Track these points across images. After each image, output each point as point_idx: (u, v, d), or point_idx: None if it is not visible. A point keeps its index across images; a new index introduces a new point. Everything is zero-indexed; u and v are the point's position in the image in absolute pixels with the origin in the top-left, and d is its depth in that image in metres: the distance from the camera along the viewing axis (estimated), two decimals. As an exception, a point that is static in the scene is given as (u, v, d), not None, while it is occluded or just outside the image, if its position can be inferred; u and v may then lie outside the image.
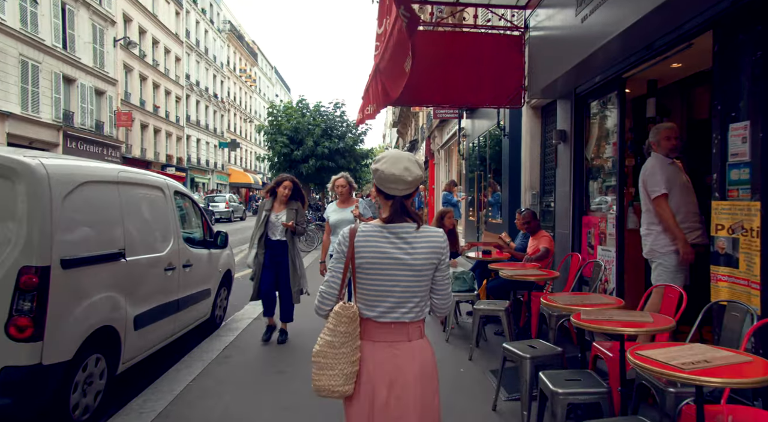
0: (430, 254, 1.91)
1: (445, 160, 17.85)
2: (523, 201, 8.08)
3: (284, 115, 20.02)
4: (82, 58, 24.12)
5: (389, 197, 1.96)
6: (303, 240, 15.28)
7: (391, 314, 1.90)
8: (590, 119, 5.62)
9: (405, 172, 1.89)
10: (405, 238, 1.90)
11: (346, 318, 1.89)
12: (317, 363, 1.91)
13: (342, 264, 1.94)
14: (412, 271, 1.89)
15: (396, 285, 1.88)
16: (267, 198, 5.48)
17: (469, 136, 12.04)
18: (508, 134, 8.27)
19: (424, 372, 1.92)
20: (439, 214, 6.20)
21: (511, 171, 8.30)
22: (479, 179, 10.76)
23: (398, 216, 1.93)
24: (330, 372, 1.88)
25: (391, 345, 1.91)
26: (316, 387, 1.93)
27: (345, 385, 1.89)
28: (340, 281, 1.95)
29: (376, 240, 1.90)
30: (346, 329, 1.89)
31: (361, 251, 1.89)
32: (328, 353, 1.89)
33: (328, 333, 1.90)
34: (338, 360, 1.88)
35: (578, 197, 5.70)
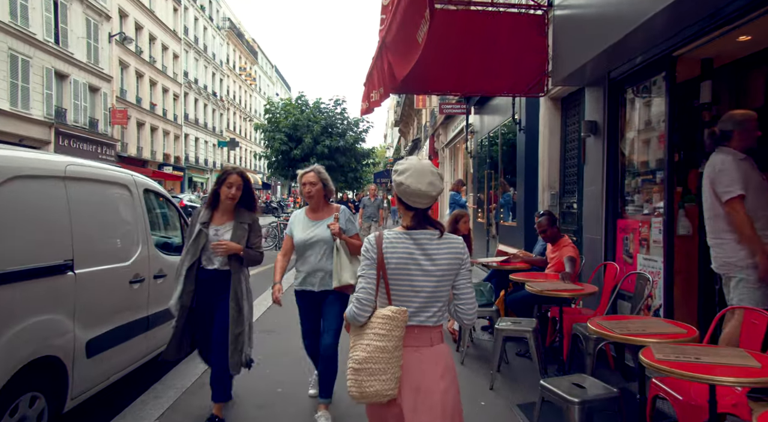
0: (452, 260, 1.97)
1: (450, 159, 17.11)
2: (541, 202, 7.35)
3: (282, 112, 19.28)
4: (75, 54, 23.42)
5: (411, 208, 1.99)
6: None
7: (416, 318, 1.95)
8: (627, 107, 4.88)
9: (430, 187, 1.93)
10: (428, 244, 1.96)
11: (402, 322, 1.90)
12: (367, 370, 1.89)
13: (374, 271, 1.96)
14: (435, 277, 1.94)
15: (421, 290, 1.94)
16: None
17: (478, 132, 11.31)
18: (524, 129, 7.54)
19: (447, 376, 1.96)
20: (453, 217, 5.48)
21: (527, 169, 7.57)
22: (489, 178, 10.03)
23: (420, 224, 1.99)
24: (383, 377, 1.88)
25: (416, 349, 1.95)
26: (365, 394, 1.91)
27: (395, 388, 1.90)
28: (375, 286, 1.96)
29: (403, 246, 1.95)
30: (401, 333, 1.90)
31: (390, 257, 1.94)
32: (380, 358, 1.89)
33: (379, 338, 1.90)
34: (391, 364, 1.89)
35: (612, 198, 4.97)
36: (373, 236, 2.00)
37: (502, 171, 9.14)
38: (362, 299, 1.97)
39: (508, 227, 8.59)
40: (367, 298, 1.96)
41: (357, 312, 1.97)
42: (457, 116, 14.58)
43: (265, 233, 15.24)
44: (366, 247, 2.00)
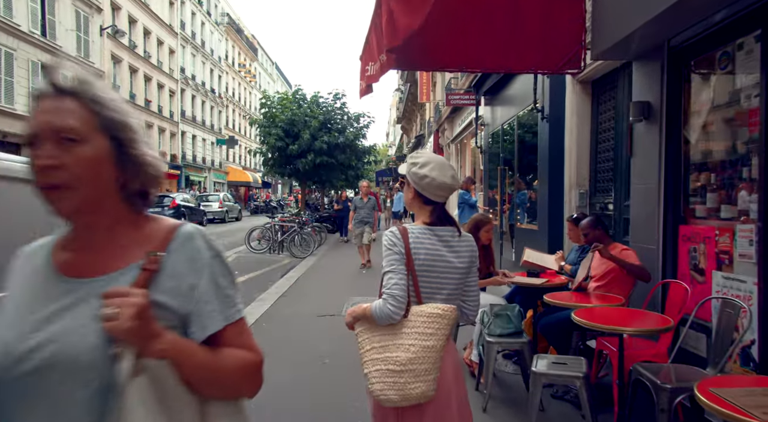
0: (471, 257, 1.98)
1: (456, 155, 16.08)
2: (567, 202, 6.33)
3: (279, 106, 18.25)
4: (64, 47, 22.43)
5: (430, 203, 1.96)
6: (297, 245, 13.60)
7: None
8: (693, 82, 3.86)
9: (453, 180, 1.94)
10: (450, 241, 1.95)
11: (453, 320, 1.86)
12: (412, 371, 1.80)
13: (404, 266, 1.89)
14: (459, 273, 1.95)
15: (444, 287, 1.92)
16: None
17: (488, 125, 10.30)
18: (547, 118, 6.52)
19: (457, 371, 1.94)
20: (473, 223, 4.46)
21: (551, 164, 6.54)
22: (502, 175, 9.00)
23: (440, 221, 1.97)
24: (429, 377, 1.81)
25: None
26: (409, 397, 1.79)
27: (435, 388, 1.84)
28: (406, 283, 1.88)
29: (430, 241, 1.92)
30: (449, 331, 1.85)
31: (417, 252, 1.90)
32: (427, 358, 1.81)
33: (426, 337, 1.82)
34: (437, 364, 1.83)
35: (672, 198, 3.95)
36: (396, 229, 1.95)
37: (517, 167, 8.10)
38: (399, 296, 1.86)
39: (526, 230, 7.56)
40: (402, 295, 1.87)
41: (394, 310, 1.85)
42: (465, 109, 13.55)
43: (259, 234, 14.26)
44: (392, 241, 1.92)
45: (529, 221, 7.76)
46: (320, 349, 5.16)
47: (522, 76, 7.97)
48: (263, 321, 6.41)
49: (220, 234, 19.31)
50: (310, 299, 7.66)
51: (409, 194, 1.99)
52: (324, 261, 11.96)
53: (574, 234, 4.62)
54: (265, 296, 7.90)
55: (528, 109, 7.65)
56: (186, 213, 21.70)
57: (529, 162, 7.94)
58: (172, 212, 20.79)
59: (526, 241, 7.39)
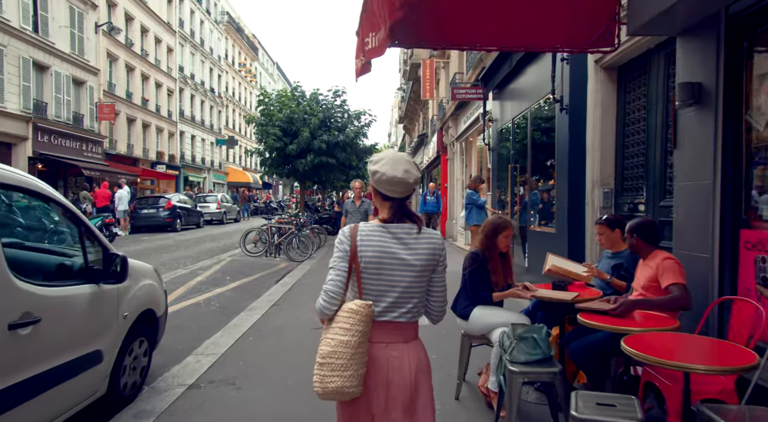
0: (431, 256, 1.92)
1: (461, 153, 15.42)
2: (590, 202, 5.68)
3: (277, 104, 17.61)
4: (57, 44, 21.85)
5: (388, 199, 1.94)
6: (295, 248, 12.96)
7: (390, 313, 1.89)
8: (758, 58, 3.20)
9: (406, 174, 1.88)
10: (406, 239, 1.90)
11: (366, 316, 1.83)
12: (330, 365, 1.82)
13: (346, 263, 1.89)
14: (414, 272, 1.89)
15: (396, 285, 1.88)
16: None
17: (497, 121, 9.65)
18: (567, 108, 5.86)
19: (420, 373, 1.92)
20: (491, 227, 3.81)
21: (571, 160, 5.89)
22: (513, 174, 8.34)
23: (399, 217, 1.92)
24: (345, 373, 1.80)
25: (387, 345, 1.89)
26: (327, 390, 1.84)
27: (359, 386, 1.83)
28: (346, 280, 1.89)
29: (379, 239, 1.89)
30: (365, 328, 1.82)
31: (364, 250, 1.87)
32: (343, 353, 1.80)
33: (343, 332, 1.81)
34: (354, 360, 1.81)
35: (731, 197, 3.29)
36: (348, 228, 1.93)
37: (530, 165, 7.45)
38: (330, 291, 1.89)
39: (542, 234, 6.90)
40: (335, 290, 1.89)
41: (324, 305, 1.90)
42: (471, 105, 12.91)
43: (255, 237, 13.63)
44: (339, 239, 1.93)
45: (543, 223, 7.10)
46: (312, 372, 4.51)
47: (535, 66, 7.33)
48: (251, 334, 5.77)
49: (216, 236, 18.68)
50: (304, 308, 7.02)
51: (372, 191, 2.00)
52: (322, 265, 11.32)
53: (607, 239, 3.97)
54: (257, 305, 7.26)
55: (542, 101, 7.00)
56: (182, 215, 21.08)
57: (542, 159, 7.29)
58: (168, 214, 20.19)
59: (541, 245, 6.73)
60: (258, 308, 7.04)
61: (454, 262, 9.73)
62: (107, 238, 15.86)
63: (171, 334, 5.61)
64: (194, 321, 6.61)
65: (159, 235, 18.82)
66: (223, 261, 12.16)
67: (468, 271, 3.80)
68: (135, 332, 3.97)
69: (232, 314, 6.91)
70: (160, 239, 17.08)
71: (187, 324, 6.40)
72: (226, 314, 6.94)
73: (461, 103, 13.95)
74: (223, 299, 7.98)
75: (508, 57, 8.13)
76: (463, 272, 3.91)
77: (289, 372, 4.52)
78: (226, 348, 5.19)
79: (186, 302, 7.62)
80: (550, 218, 6.87)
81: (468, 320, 3.74)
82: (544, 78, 6.67)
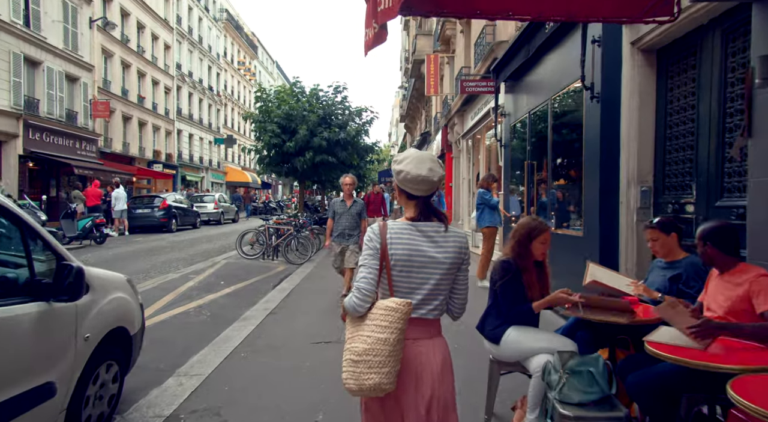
0: (458, 253, 1.93)
1: (467, 152, 14.78)
2: (625, 202, 5.04)
3: (276, 100, 16.96)
4: (50, 39, 21.20)
5: (413, 198, 1.95)
6: (294, 250, 12.33)
7: (419, 310, 1.91)
8: None
9: (430, 172, 1.90)
10: (435, 237, 1.92)
11: (406, 314, 1.83)
12: (367, 362, 1.82)
13: (377, 261, 1.90)
14: (443, 269, 1.91)
15: (426, 282, 1.90)
16: None
17: (510, 115, 9.02)
18: (598, 97, 5.22)
19: (445, 369, 1.94)
20: (525, 231, 3.18)
21: (603, 155, 5.24)
22: (530, 171, 7.70)
23: (425, 216, 1.94)
24: (383, 370, 1.81)
25: (414, 341, 1.91)
26: (363, 387, 1.82)
27: (394, 382, 1.83)
28: (377, 277, 1.91)
29: (409, 237, 1.90)
30: (403, 325, 1.82)
31: (395, 247, 1.89)
32: (381, 350, 1.81)
33: (381, 330, 1.82)
34: (392, 357, 1.82)
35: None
36: (377, 225, 1.95)
37: (550, 161, 6.80)
38: (363, 289, 1.89)
39: (566, 237, 6.25)
40: (368, 288, 1.89)
41: (357, 302, 1.90)
42: (479, 100, 12.28)
43: (252, 238, 12.99)
44: (369, 236, 1.94)
45: (566, 225, 6.46)
46: (312, 397, 3.88)
47: (557, 53, 6.70)
48: (242, 350, 5.13)
49: (212, 237, 18.03)
50: (303, 318, 6.38)
51: (397, 190, 2.01)
52: (322, 268, 10.69)
53: (662, 245, 3.33)
54: (251, 314, 6.63)
55: (565, 92, 6.36)
56: (178, 215, 20.44)
57: (565, 155, 6.65)
58: (163, 214, 19.55)
59: (564, 251, 6.10)
60: (252, 318, 6.40)
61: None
62: (98, 239, 15.24)
63: (153, 350, 4.99)
64: (181, 333, 5.97)
65: (153, 236, 18.18)
66: (218, 264, 11.52)
67: (499, 284, 3.16)
68: (101, 355, 3.33)
69: (223, 324, 6.28)
70: (153, 240, 16.43)
71: (172, 337, 5.76)
72: (217, 324, 6.31)
73: (468, 99, 13.32)
74: (215, 306, 7.34)
75: (524, 45, 7.50)
76: (492, 285, 3.27)
77: (285, 398, 3.89)
78: (212, 369, 4.55)
79: (174, 311, 6.99)
80: (574, 220, 6.23)
81: (500, 343, 3.10)
82: (569, 66, 6.04)
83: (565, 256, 6.00)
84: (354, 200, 7.05)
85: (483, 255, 8.37)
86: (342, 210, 6.96)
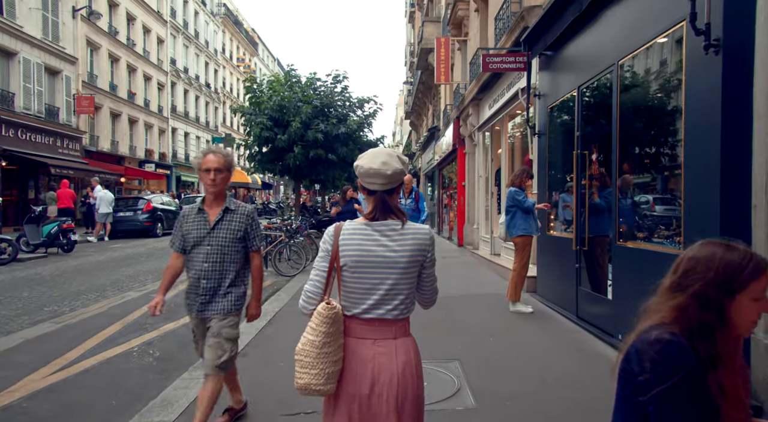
0: (416, 251, 1.90)
1: (484, 145, 13.01)
2: (764, 204, 3.26)
3: (268, 91, 15.22)
4: (26, 28, 19.59)
5: (371, 193, 1.94)
6: (286, 259, 10.62)
7: (376, 310, 1.88)
8: None
9: (383, 166, 1.89)
10: (390, 236, 1.89)
11: (329, 318, 1.84)
12: (299, 362, 1.86)
13: (327, 263, 1.91)
14: (398, 269, 1.87)
15: (381, 283, 1.87)
16: None
17: (546, 96, 7.25)
18: (718, 43, 3.45)
19: (408, 370, 1.89)
20: (721, 271, 1.41)
21: (725, 130, 3.46)
22: (581, 163, 5.93)
23: (382, 213, 1.92)
24: (312, 371, 1.83)
25: (374, 342, 1.89)
26: (298, 386, 1.88)
27: (327, 384, 1.84)
28: (325, 279, 1.92)
29: (361, 238, 1.89)
30: (328, 329, 1.83)
31: (346, 250, 1.88)
32: (310, 352, 1.83)
33: (311, 332, 1.85)
34: (320, 360, 1.82)
35: None
36: (332, 227, 1.95)
37: (618, 149, 5.00)
38: (308, 291, 1.93)
39: (650, 255, 4.43)
40: (313, 290, 1.92)
41: (302, 304, 1.95)
42: (500, 84, 10.51)
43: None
44: (324, 238, 1.95)
45: (643, 237, 4.65)
46: None
47: (625, 3, 4.93)
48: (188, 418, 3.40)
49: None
50: (281, 364, 4.63)
51: (360, 186, 2.00)
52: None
53: None
54: (213, 357, 4.88)
55: (646, 48, 4.59)
56: (164, 218, 18.75)
57: (645, 139, 4.87)
58: (147, 216, 17.87)
59: (646, 273, 4.33)
60: (212, 364, 4.65)
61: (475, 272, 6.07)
62: (65, 247, 13.55)
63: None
64: (108, 390, 4.24)
65: (134, 241, 16.48)
66: (195, 277, 9.78)
67: (656, 394, 1.39)
68: None
69: (173, 371, 4.58)
70: (132, 247, 14.73)
71: (90, 400, 4.04)
72: (163, 373, 4.60)
73: (485, 85, 11.55)
74: (170, 342, 5.61)
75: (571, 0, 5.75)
76: (645, 395, 1.46)
77: None
78: None
79: (113, 351, 5.25)
80: (665, 230, 4.44)
81: None
82: (653, 10, 4.28)
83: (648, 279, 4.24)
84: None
85: (515, 272, 6.61)
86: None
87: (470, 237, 14.42)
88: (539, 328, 5.81)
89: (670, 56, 4.22)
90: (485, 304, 7.03)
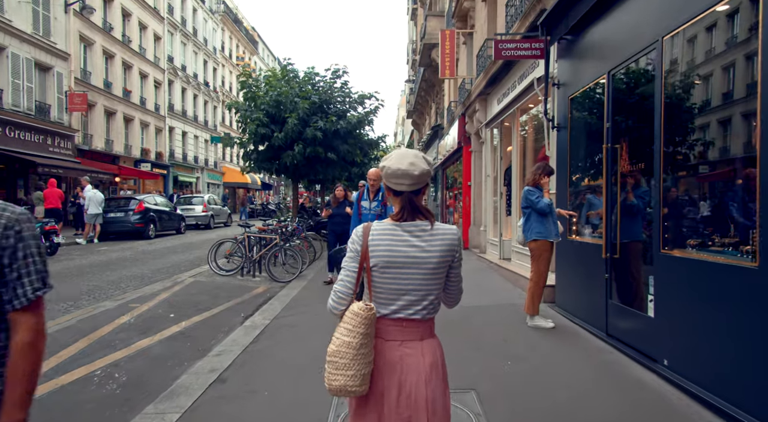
0: (446, 251, 1.90)
1: (492, 143, 12.26)
2: None
3: (264, 86, 14.50)
4: (15, 22, 18.91)
5: (398, 194, 1.95)
6: (281, 263, 9.90)
7: (406, 311, 1.89)
8: None
9: (411, 166, 1.89)
10: (420, 236, 1.89)
11: (367, 319, 1.84)
12: (334, 363, 1.84)
13: (356, 263, 1.91)
14: (429, 269, 1.88)
15: (411, 284, 1.88)
16: None
17: (566, 86, 6.52)
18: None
19: (435, 371, 1.89)
20: None
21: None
22: (611, 158, 5.18)
23: (410, 213, 1.92)
24: (348, 373, 1.82)
25: (402, 343, 1.89)
26: (332, 387, 1.86)
27: (362, 385, 1.84)
28: (355, 280, 1.92)
29: (391, 238, 1.89)
30: (366, 330, 1.83)
31: (376, 250, 1.88)
32: (346, 353, 1.82)
33: (346, 333, 1.83)
34: (356, 361, 1.82)
35: None
36: (361, 227, 1.96)
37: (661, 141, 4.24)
38: (339, 291, 1.92)
39: (707, 266, 3.67)
40: (344, 291, 1.92)
41: (332, 304, 1.93)
42: (510, 76, 9.77)
43: (229, 250, 10.54)
44: (352, 238, 1.95)
45: (695, 244, 3.91)
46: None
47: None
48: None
49: (192, 245, 15.55)
50: (269, 393, 3.89)
51: (385, 187, 2.00)
52: (315, 288, 8.24)
53: None
54: (186, 383, 4.15)
55: (696, 21, 3.85)
56: (156, 219, 18.04)
57: (698, 128, 4.12)
58: (138, 218, 17.15)
59: (702, 291, 3.59)
60: (182, 394, 3.92)
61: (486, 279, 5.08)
62: (48, 250, 12.83)
63: None
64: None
65: (123, 244, 15.76)
66: (181, 284, 9.06)
67: None
68: None
69: (137, 402, 3.86)
70: (119, 250, 14.01)
71: None
72: (126, 403, 3.89)
73: (494, 78, 10.82)
74: (140, 363, 4.87)
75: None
76: None
77: None
78: None
79: (70, 375, 4.52)
80: (731, 239, 3.69)
81: None
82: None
83: (707, 297, 3.48)
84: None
85: (532, 281, 5.87)
86: None
87: (476, 240, 13.67)
88: (565, 347, 5.07)
89: (734, 24, 3.48)
90: (500, 317, 6.29)
